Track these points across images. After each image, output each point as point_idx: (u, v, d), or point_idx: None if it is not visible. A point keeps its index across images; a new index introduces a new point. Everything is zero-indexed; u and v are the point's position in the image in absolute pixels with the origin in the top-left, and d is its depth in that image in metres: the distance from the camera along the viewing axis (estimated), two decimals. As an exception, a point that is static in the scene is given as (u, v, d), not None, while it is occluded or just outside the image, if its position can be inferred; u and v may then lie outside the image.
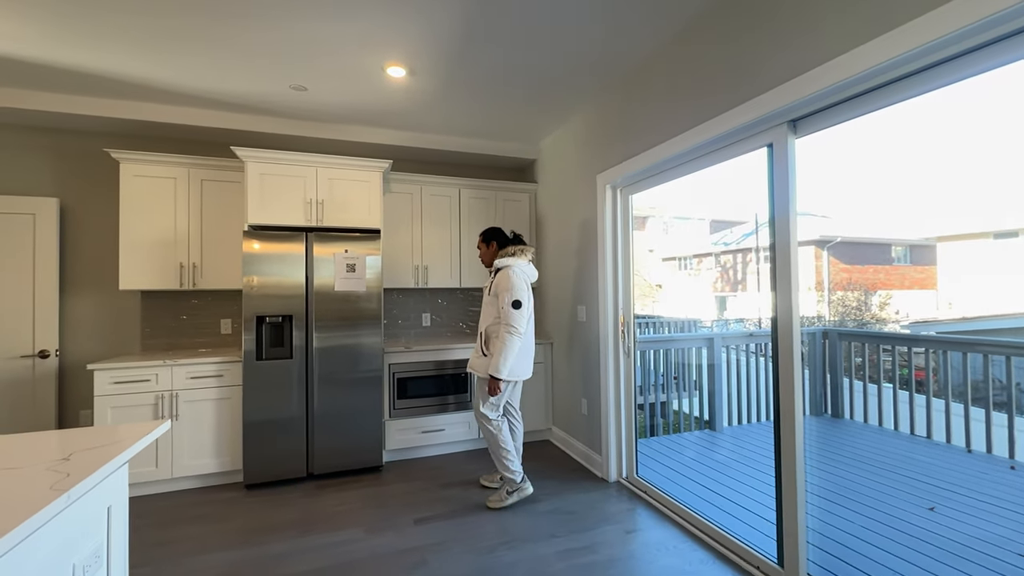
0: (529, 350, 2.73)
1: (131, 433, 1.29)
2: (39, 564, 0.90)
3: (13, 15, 2.06)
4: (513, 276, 2.62)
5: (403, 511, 2.60)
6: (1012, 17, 1.22)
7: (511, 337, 2.55)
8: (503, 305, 2.59)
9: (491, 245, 2.84)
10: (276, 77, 2.70)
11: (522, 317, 2.57)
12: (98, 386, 2.71)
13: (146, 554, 2.20)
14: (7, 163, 3.05)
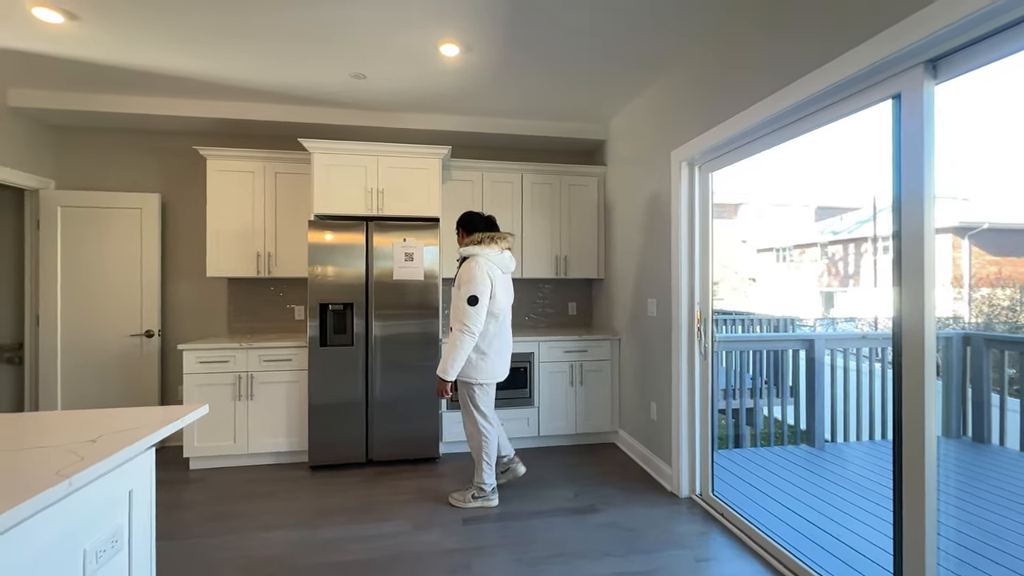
0: (502, 350, 2.49)
1: (165, 416, 1.30)
2: (40, 549, 0.88)
3: (114, 25, 2.24)
4: (476, 268, 2.35)
5: (450, 509, 2.52)
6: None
7: (462, 336, 2.31)
8: (458, 300, 2.34)
9: (460, 232, 2.60)
10: (337, 66, 2.71)
11: (478, 315, 2.31)
12: (187, 365, 2.96)
13: (221, 525, 2.34)
14: (119, 164, 3.43)
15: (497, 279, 2.43)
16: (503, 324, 2.50)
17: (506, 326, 2.54)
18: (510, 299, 2.58)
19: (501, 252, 2.46)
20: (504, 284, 2.50)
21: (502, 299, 2.46)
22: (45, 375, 3.22)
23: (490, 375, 2.45)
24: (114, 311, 3.30)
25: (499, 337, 2.47)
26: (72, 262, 3.26)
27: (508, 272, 2.54)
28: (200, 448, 2.99)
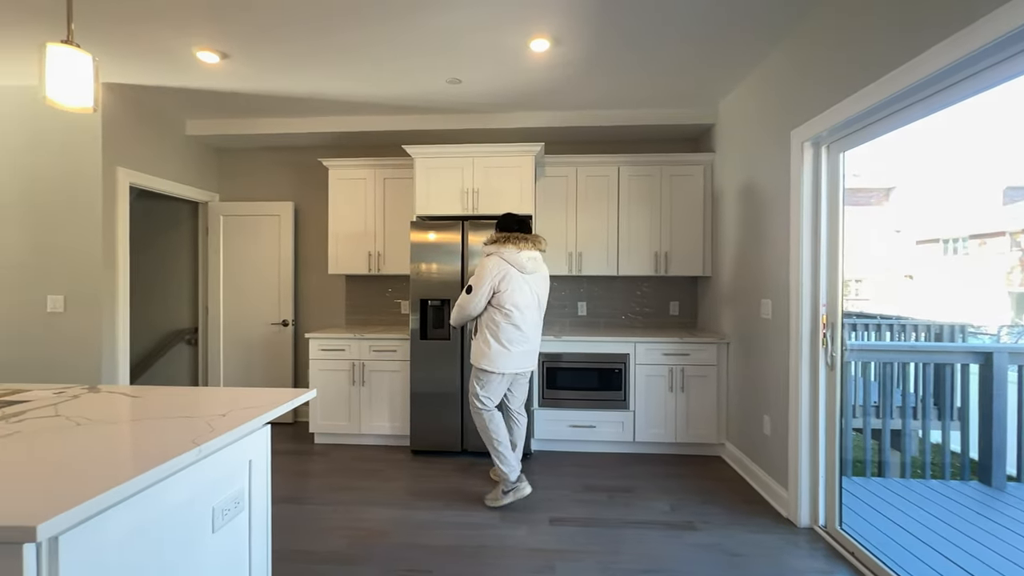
0: (513, 345, 2.50)
1: (278, 398, 1.48)
2: (178, 502, 1.05)
3: (256, 61, 2.62)
4: (483, 264, 2.51)
5: (540, 506, 2.51)
6: None
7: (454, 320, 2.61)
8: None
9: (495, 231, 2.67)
10: (436, 74, 2.85)
11: (468, 302, 2.49)
12: (312, 351, 3.37)
13: (333, 496, 2.62)
14: (262, 177, 4.02)
15: (512, 278, 2.48)
16: (518, 321, 2.50)
17: (524, 323, 2.52)
18: (533, 299, 2.56)
19: (519, 252, 2.49)
20: (522, 284, 2.51)
21: (517, 297, 2.49)
22: (212, 354, 3.92)
23: (495, 366, 2.50)
24: (259, 302, 3.89)
25: (511, 332, 2.50)
26: (230, 261, 3.91)
27: (530, 272, 2.53)
28: (322, 425, 3.39)
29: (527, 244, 2.51)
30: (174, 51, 2.55)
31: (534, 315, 2.58)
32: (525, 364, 2.58)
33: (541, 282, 2.62)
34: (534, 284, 2.57)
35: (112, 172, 3.06)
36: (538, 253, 2.57)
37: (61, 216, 3.00)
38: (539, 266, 2.59)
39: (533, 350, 2.62)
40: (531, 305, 2.55)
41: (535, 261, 2.55)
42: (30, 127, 3.00)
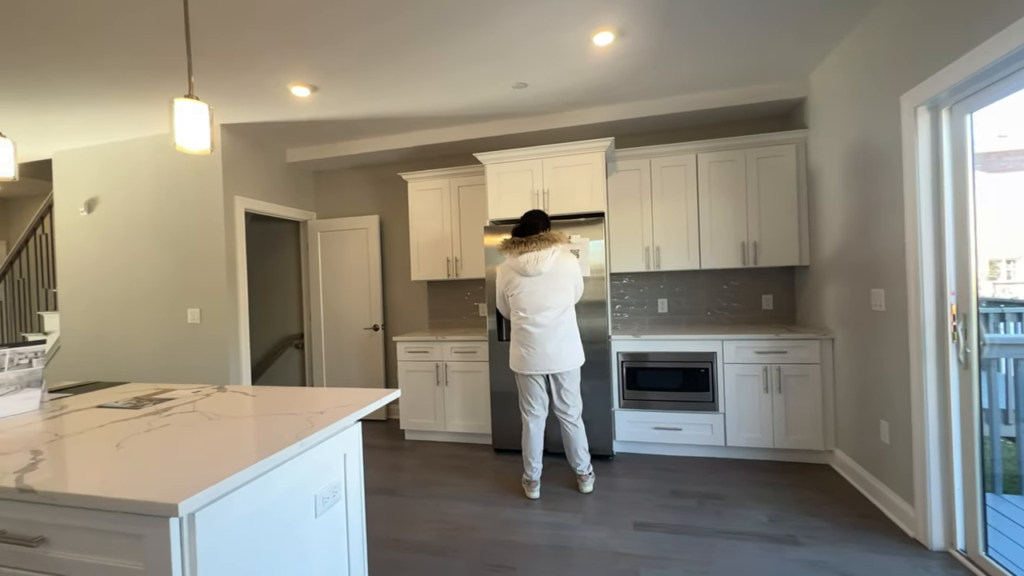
0: (520, 345, 2.57)
1: (368, 397, 1.61)
2: (285, 489, 1.19)
3: (341, 90, 2.88)
4: (497, 273, 2.73)
5: (624, 510, 2.45)
6: None
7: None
8: None
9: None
10: (502, 81, 2.91)
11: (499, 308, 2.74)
12: (400, 353, 3.60)
13: (422, 490, 2.79)
14: (351, 194, 4.38)
15: (516, 283, 2.56)
16: (528, 324, 2.53)
17: (535, 325, 2.52)
18: (543, 300, 2.51)
19: (517, 257, 2.55)
20: (528, 286, 2.53)
21: (523, 301, 2.54)
22: (315, 357, 4.35)
23: (515, 366, 2.62)
24: (353, 309, 4.25)
25: (523, 334, 2.56)
26: (327, 273, 4.31)
27: (533, 274, 2.51)
28: (411, 422, 3.61)
29: (524, 247, 2.53)
30: (272, 89, 2.89)
31: (548, 316, 2.52)
32: (550, 366, 2.52)
33: (553, 280, 2.52)
34: (543, 284, 2.53)
35: (231, 201, 3.53)
36: (545, 252, 2.51)
37: (195, 241, 3.53)
38: (547, 264, 2.50)
39: (557, 353, 2.51)
40: (541, 307, 2.52)
41: (539, 261, 2.51)
42: (169, 168, 3.57)
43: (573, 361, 2.56)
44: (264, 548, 1.12)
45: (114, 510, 0.92)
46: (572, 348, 2.56)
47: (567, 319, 2.57)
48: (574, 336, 2.59)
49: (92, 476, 1.01)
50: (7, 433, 1.36)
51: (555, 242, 2.53)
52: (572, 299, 2.60)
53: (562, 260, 2.56)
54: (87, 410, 1.60)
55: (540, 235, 2.54)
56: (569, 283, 2.57)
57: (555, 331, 2.53)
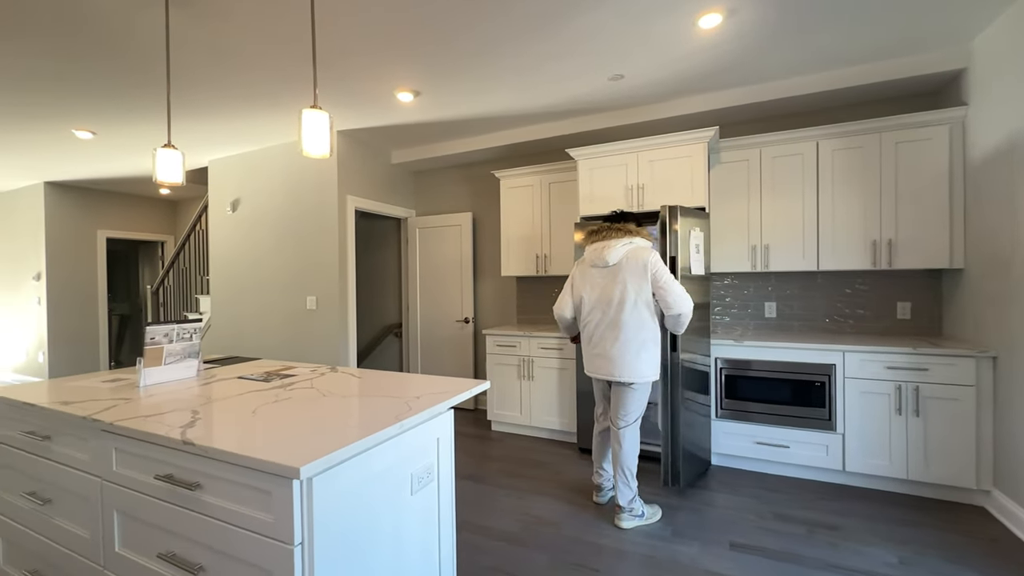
0: (588, 344, 2.42)
1: (459, 387, 1.68)
2: (386, 465, 1.29)
3: (443, 93, 3.04)
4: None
5: (719, 527, 2.28)
6: None
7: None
8: None
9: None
10: (596, 74, 2.85)
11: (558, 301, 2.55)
12: (488, 346, 3.71)
13: (507, 480, 2.85)
14: (446, 192, 4.60)
15: (583, 272, 2.44)
16: (587, 319, 2.41)
17: (592, 321, 2.38)
18: (605, 294, 2.33)
19: (592, 244, 2.43)
20: (592, 277, 2.39)
21: (583, 293, 2.41)
22: (411, 345, 4.65)
23: (584, 367, 2.48)
24: (446, 303, 4.47)
25: (585, 331, 2.43)
26: (424, 267, 4.58)
27: (600, 265, 2.36)
28: (498, 414, 3.71)
29: (597, 236, 2.40)
30: (380, 96, 3.12)
31: (610, 313, 2.29)
32: (610, 370, 2.29)
33: (620, 274, 2.29)
34: (609, 277, 2.32)
35: (344, 200, 3.90)
36: (615, 241, 2.33)
37: (313, 236, 3.95)
38: (615, 255, 2.30)
39: (620, 357, 2.26)
40: (603, 301, 2.32)
41: (605, 250, 2.33)
42: (294, 172, 4.04)
43: (635, 373, 2.25)
44: (367, 516, 1.22)
45: (250, 467, 1.06)
46: (637, 358, 2.25)
47: (634, 322, 2.25)
48: (642, 345, 2.26)
49: (234, 437, 1.18)
50: (174, 394, 1.64)
51: (630, 233, 2.35)
52: (642, 299, 2.26)
53: (636, 255, 2.28)
54: (230, 380, 1.87)
55: (615, 224, 2.40)
56: (640, 280, 2.25)
57: (618, 332, 2.28)
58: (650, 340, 2.28)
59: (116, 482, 1.34)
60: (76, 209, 5.84)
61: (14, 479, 1.65)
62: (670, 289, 2.23)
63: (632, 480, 2.30)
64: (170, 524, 1.22)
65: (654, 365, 2.30)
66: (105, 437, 1.37)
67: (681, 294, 2.24)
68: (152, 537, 1.27)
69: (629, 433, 2.32)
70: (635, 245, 2.33)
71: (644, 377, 2.28)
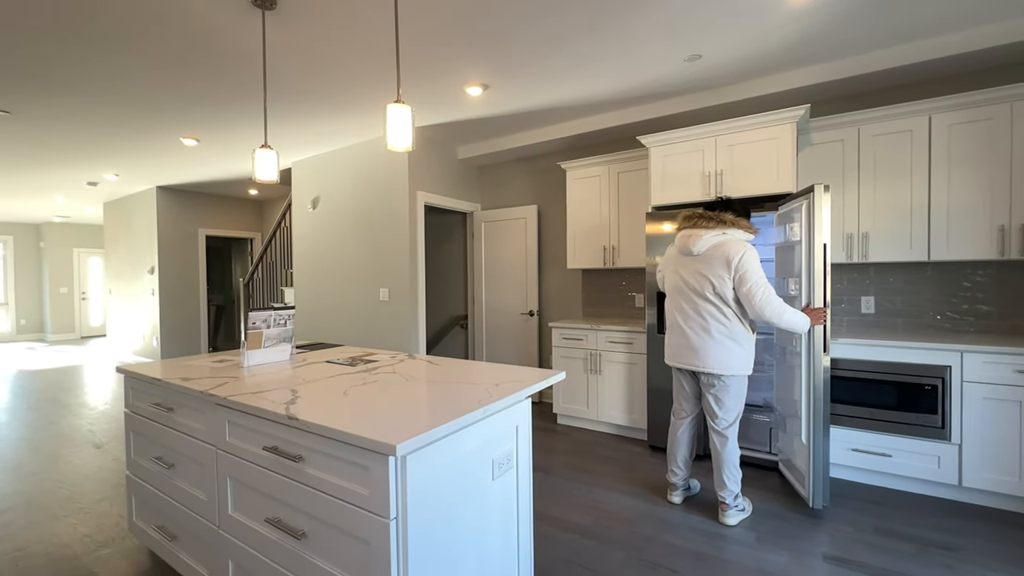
0: (669, 333, 2.40)
1: (538, 376, 1.67)
2: (471, 449, 1.31)
3: (508, 86, 3.05)
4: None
5: (811, 536, 2.11)
6: None
7: None
8: None
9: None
10: (670, 55, 2.72)
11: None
12: (554, 339, 3.69)
13: (574, 474, 2.82)
14: (511, 186, 4.61)
15: (668, 259, 2.43)
16: (669, 306, 2.40)
17: (672, 309, 2.37)
18: (687, 283, 2.28)
19: (679, 232, 2.37)
20: (675, 265, 2.36)
21: (669, 278, 2.40)
22: (477, 337, 4.74)
23: (665, 356, 2.44)
24: (511, 295, 4.50)
25: (667, 318, 2.42)
26: (489, 260, 4.64)
27: (686, 252, 2.29)
28: (564, 408, 3.68)
29: (687, 223, 2.30)
30: (450, 92, 3.18)
31: (693, 303, 2.25)
32: (692, 360, 2.25)
33: (704, 264, 2.20)
34: (694, 266, 2.23)
35: (414, 195, 4.03)
36: (703, 230, 2.21)
37: (386, 231, 4.13)
38: (701, 244, 2.21)
39: (703, 347, 2.20)
40: (684, 289, 2.29)
41: (691, 238, 2.25)
42: (367, 170, 4.24)
43: (723, 365, 2.17)
44: (453, 497, 1.25)
45: (349, 443, 1.12)
46: (724, 350, 2.17)
47: (719, 315, 2.17)
48: (730, 338, 2.17)
49: (331, 414, 1.26)
50: (273, 374, 1.78)
51: (724, 224, 2.20)
52: (723, 294, 2.15)
53: (723, 247, 2.16)
54: (319, 363, 2.00)
55: (708, 213, 2.26)
56: (720, 275, 2.14)
57: (700, 323, 2.21)
58: (736, 334, 2.18)
59: (228, 451, 1.47)
60: (181, 210, 6.53)
61: (145, 445, 1.87)
62: (755, 293, 2.08)
63: (738, 475, 2.24)
64: (276, 492, 1.32)
65: (743, 359, 2.20)
66: (219, 410, 1.51)
67: (767, 299, 2.08)
68: (260, 503, 1.38)
69: (731, 433, 2.24)
70: (727, 237, 2.20)
71: (731, 370, 2.18)
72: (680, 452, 2.42)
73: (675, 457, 2.43)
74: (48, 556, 2.02)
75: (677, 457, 2.42)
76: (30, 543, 2.13)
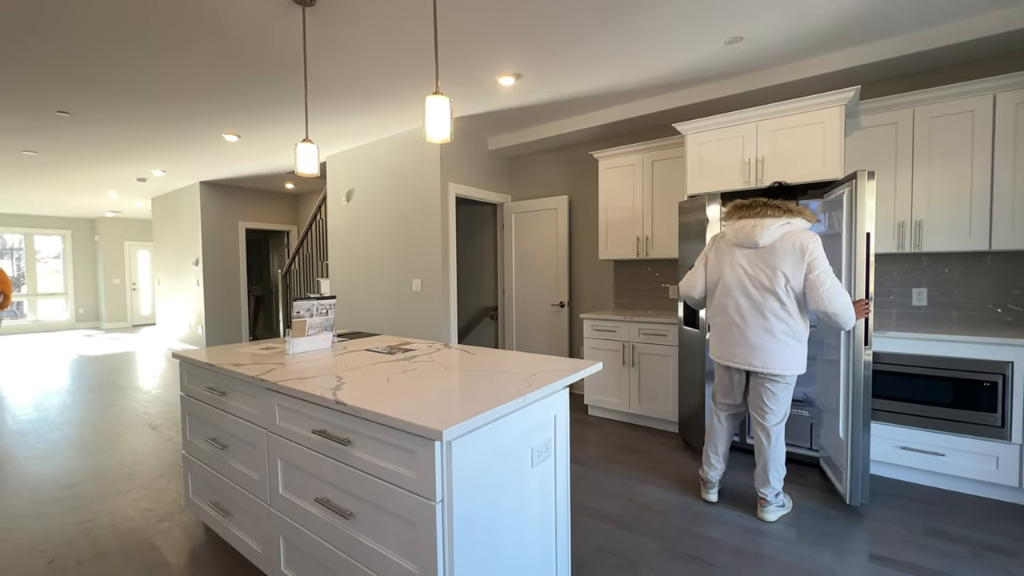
0: (717, 330, 2.26)
1: (574, 366, 1.67)
2: (512, 437, 1.33)
3: (541, 74, 3.02)
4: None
5: (856, 536, 2.04)
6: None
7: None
8: None
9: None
10: (711, 38, 2.62)
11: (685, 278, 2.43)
12: (585, 330, 3.67)
13: (607, 465, 2.82)
14: (542, 176, 4.58)
15: (720, 249, 2.26)
16: (722, 301, 2.23)
17: (730, 305, 2.19)
18: (749, 279, 2.13)
19: (735, 221, 2.20)
20: (732, 257, 2.19)
21: (726, 272, 2.21)
22: (507, 328, 4.76)
23: (713, 352, 2.32)
24: (541, 286, 4.49)
25: (717, 315, 2.27)
26: (519, 251, 4.64)
27: (746, 245, 2.15)
28: (595, 399, 3.67)
29: (746, 212, 2.15)
30: (483, 82, 3.17)
31: (748, 299, 2.13)
32: (749, 359, 2.13)
33: (770, 257, 2.07)
34: (756, 259, 2.11)
35: (446, 187, 4.07)
36: (770, 220, 2.08)
37: (417, 222, 4.19)
38: (767, 235, 2.08)
39: (762, 345, 2.09)
40: (744, 284, 2.14)
41: (756, 228, 2.09)
42: (399, 162, 4.29)
43: (784, 365, 2.08)
44: (495, 482, 1.27)
45: (396, 428, 1.15)
46: (787, 350, 2.07)
47: (783, 312, 2.06)
48: (793, 336, 2.07)
49: (377, 400, 1.29)
50: (316, 361, 1.84)
51: (790, 212, 2.09)
52: (794, 287, 2.03)
53: (793, 237, 2.04)
54: (360, 351, 2.06)
55: (772, 201, 2.13)
56: (794, 266, 2.02)
57: (762, 323, 2.10)
58: (799, 332, 2.10)
59: (279, 433, 1.54)
60: (222, 204, 6.79)
61: (200, 427, 1.98)
62: (824, 280, 1.98)
63: (783, 473, 2.19)
64: (324, 473, 1.37)
65: (802, 358, 2.11)
66: (269, 395, 1.58)
67: (834, 290, 1.98)
68: (309, 483, 1.44)
69: (780, 430, 2.19)
70: (793, 226, 2.10)
71: (790, 369, 2.10)
72: (720, 447, 2.37)
73: (715, 452, 2.37)
74: (114, 528, 2.18)
75: (716, 452, 2.37)
76: (98, 515, 2.29)
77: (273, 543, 1.60)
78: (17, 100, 3.37)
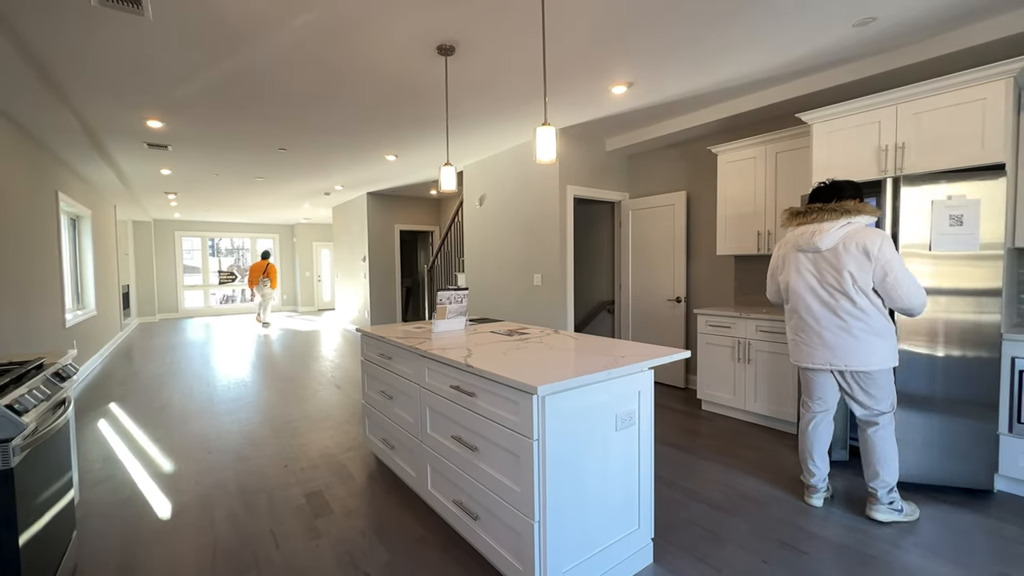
0: (796, 333, 2.26)
1: (660, 352, 1.91)
2: (597, 403, 1.65)
3: (654, 81, 3.18)
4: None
5: (987, 554, 1.88)
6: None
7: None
8: None
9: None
10: (838, 22, 2.50)
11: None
12: (699, 326, 3.71)
13: (711, 453, 2.90)
14: (660, 173, 4.64)
15: (787, 257, 2.27)
16: (796, 306, 2.24)
17: (803, 309, 2.20)
18: (817, 283, 2.14)
19: (795, 227, 2.22)
20: (798, 264, 2.20)
21: (792, 278, 2.23)
22: (623, 321, 4.95)
23: (793, 356, 2.31)
24: (658, 281, 4.58)
25: (794, 320, 2.27)
26: (636, 247, 4.78)
27: (806, 250, 2.15)
28: (708, 394, 3.69)
29: (804, 218, 2.14)
30: (598, 94, 3.43)
31: (820, 303, 2.14)
32: (831, 359, 2.13)
33: (834, 260, 2.08)
34: (821, 264, 2.09)
35: (564, 189, 4.42)
36: (828, 224, 2.06)
37: (538, 222, 4.62)
38: (827, 239, 2.08)
39: (841, 344, 2.09)
40: (813, 289, 2.16)
41: (815, 234, 2.09)
42: (523, 169, 4.77)
43: (867, 361, 2.07)
44: (582, 433, 1.61)
45: (506, 384, 1.57)
46: (868, 347, 2.06)
47: (858, 311, 2.05)
48: (872, 333, 2.05)
49: (496, 365, 1.73)
50: (453, 339, 2.37)
51: (848, 212, 2.04)
52: (863, 287, 2.02)
53: (856, 237, 2.03)
54: (485, 333, 2.55)
55: (828, 205, 2.10)
56: (860, 268, 2.02)
57: (839, 324, 2.10)
58: (877, 327, 2.06)
59: (427, 388, 2.09)
60: (382, 210, 8.15)
61: (374, 383, 2.68)
62: (900, 282, 1.99)
63: (893, 467, 2.12)
64: (458, 417, 1.86)
65: (889, 352, 2.08)
66: (421, 360, 2.13)
67: (911, 289, 1.99)
68: (447, 425, 1.95)
69: (885, 420, 2.14)
70: (854, 226, 2.08)
71: (873, 364, 2.07)
72: (816, 447, 2.30)
73: (810, 454, 2.31)
74: (320, 450, 3.05)
75: (813, 453, 2.31)
76: (310, 442, 3.21)
77: (422, 469, 2.17)
78: (253, 143, 4.67)
